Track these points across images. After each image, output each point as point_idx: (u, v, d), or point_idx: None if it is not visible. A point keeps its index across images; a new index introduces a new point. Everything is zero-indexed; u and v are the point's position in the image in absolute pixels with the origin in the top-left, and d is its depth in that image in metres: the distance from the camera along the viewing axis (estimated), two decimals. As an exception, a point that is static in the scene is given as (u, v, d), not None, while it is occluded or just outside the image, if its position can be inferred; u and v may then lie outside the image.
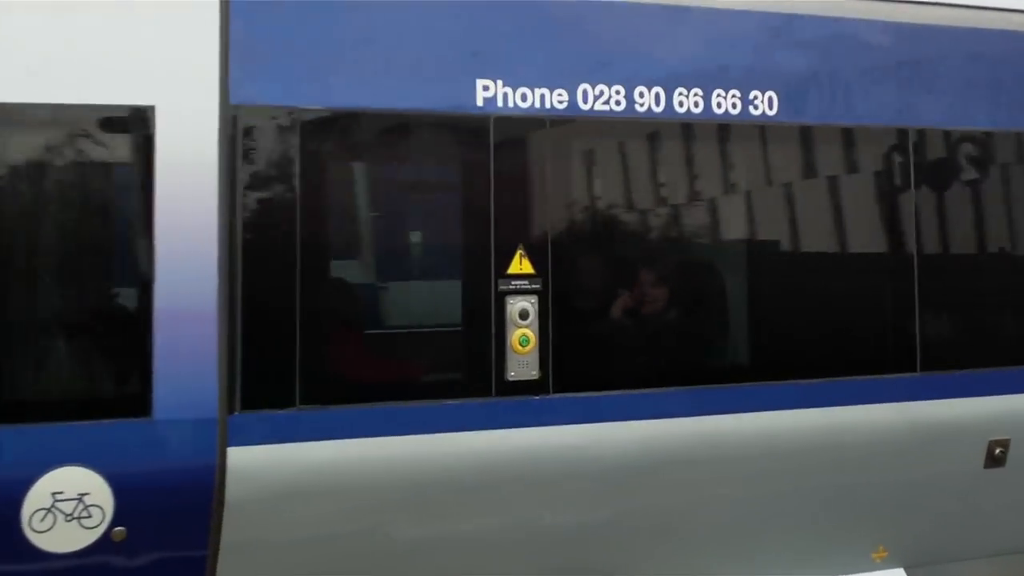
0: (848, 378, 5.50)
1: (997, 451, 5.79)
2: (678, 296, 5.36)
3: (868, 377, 5.55)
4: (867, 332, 5.60)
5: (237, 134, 4.56)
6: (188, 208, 4.49)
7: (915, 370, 5.70)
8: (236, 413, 4.55)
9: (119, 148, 4.47)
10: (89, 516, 4.40)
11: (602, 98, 5.10)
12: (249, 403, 4.57)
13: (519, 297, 4.94)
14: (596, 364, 5.16)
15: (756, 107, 5.32)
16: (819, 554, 5.57)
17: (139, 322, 4.43)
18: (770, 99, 5.30)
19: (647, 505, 5.17)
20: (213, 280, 4.51)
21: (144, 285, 4.44)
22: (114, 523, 4.45)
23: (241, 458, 4.55)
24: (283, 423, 4.62)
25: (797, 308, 5.47)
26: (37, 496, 4.33)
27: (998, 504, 5.88)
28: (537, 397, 4.98)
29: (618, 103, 5.13)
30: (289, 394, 4.62)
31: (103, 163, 4.47)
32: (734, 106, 5.31)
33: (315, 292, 4.67)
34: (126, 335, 4.47)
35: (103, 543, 4.46)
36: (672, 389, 5.19)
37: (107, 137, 4.44)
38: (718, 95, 5.29)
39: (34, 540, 4.35)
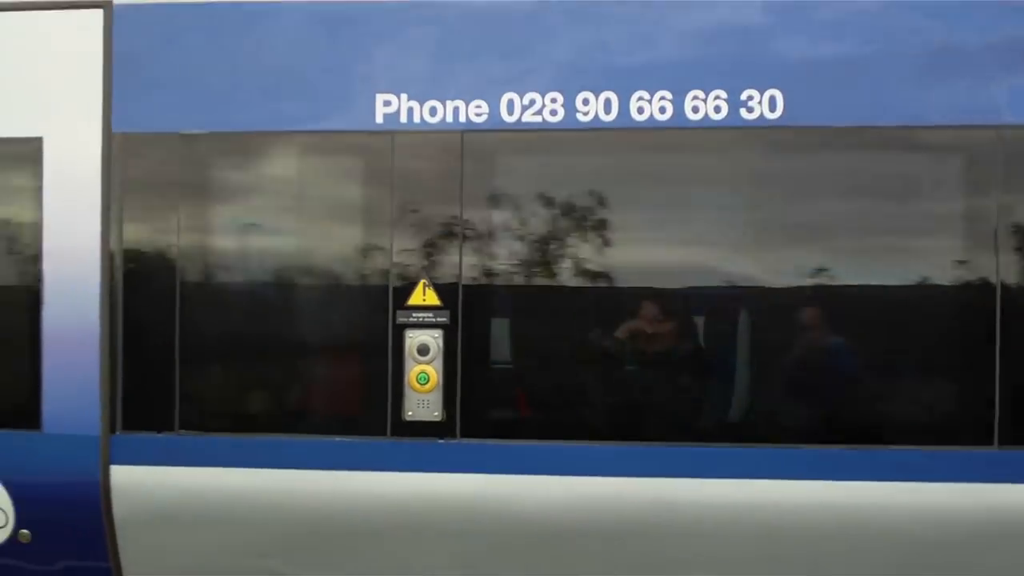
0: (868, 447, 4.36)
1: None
2: (636, 335, 4.56)
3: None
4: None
5: (119, 161, 4.64)
6: (73, 234, 4.67)
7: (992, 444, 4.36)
8: (118, 433, 4.67)
9: (12, 178, 4.76)
10: (-6, 517, 4.80)
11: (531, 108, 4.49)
12: (130, 424, 4.66)
13: (420, 331, 4.51)
14: (519, 408, 4.57)
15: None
16: None
17: (30, 341, 4.69)
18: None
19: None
20: (95, 304, 4.65)
21: (34, 307, 4.69)
22: (18, 526, 4.78)
23: (124, 477, 4.66)
24: (163, 446, 4.65)
25: (786, 351, 4.43)
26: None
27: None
28: (441, 440, 4.53)
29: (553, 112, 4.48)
30: (169, 418, 4.64)
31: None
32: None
33: (196, 318, 4.62)
34: (19, 353, 4.76)
35: (12, 544, 4.81)
36: (612, 444, 4.46)
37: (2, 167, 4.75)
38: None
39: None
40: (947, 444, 4.36)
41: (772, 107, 4.40)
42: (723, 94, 4.42)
